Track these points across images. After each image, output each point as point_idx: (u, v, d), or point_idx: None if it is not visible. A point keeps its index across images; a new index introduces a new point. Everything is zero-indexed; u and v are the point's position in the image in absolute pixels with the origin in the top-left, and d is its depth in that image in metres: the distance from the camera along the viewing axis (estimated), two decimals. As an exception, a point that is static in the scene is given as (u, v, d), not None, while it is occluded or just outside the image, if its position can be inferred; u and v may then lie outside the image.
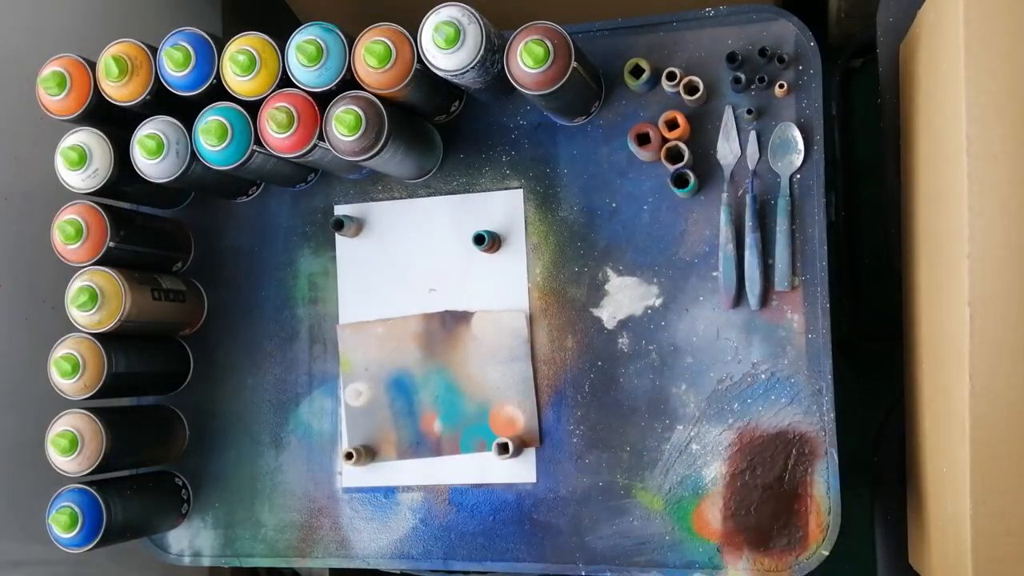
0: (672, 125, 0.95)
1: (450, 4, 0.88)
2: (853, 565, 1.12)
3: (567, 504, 0.99)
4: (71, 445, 0.95)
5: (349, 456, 1.02)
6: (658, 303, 0.98)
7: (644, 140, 0.95)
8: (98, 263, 0.98)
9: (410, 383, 1.04)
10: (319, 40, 0.90)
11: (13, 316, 1.10)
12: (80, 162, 0.96)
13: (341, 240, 1.06)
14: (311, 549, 1.06)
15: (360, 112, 0.88)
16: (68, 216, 0.98)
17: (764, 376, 0.95)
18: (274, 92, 0.92)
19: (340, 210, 1.07)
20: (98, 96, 0.96)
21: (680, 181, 0.94)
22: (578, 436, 0.99)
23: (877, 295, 1.51)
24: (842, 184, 1.53)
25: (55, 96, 0.96)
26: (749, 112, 0.94)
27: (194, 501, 1.09)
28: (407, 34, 0.90)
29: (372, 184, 1.06)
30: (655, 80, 0.97)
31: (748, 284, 0.94)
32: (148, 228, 1.07)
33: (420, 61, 0.89)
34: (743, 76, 0.94)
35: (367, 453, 1.04)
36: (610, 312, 0.99)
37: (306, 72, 0.91)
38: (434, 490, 1.03)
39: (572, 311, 1.00)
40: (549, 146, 1.01)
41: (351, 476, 1.05)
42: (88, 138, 0.98)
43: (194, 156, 0.95)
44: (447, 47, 0.86)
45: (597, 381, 0.99)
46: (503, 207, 1.02)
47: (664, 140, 0.95)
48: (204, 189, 1.08)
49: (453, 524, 1.02)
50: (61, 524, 0.95)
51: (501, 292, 1.02)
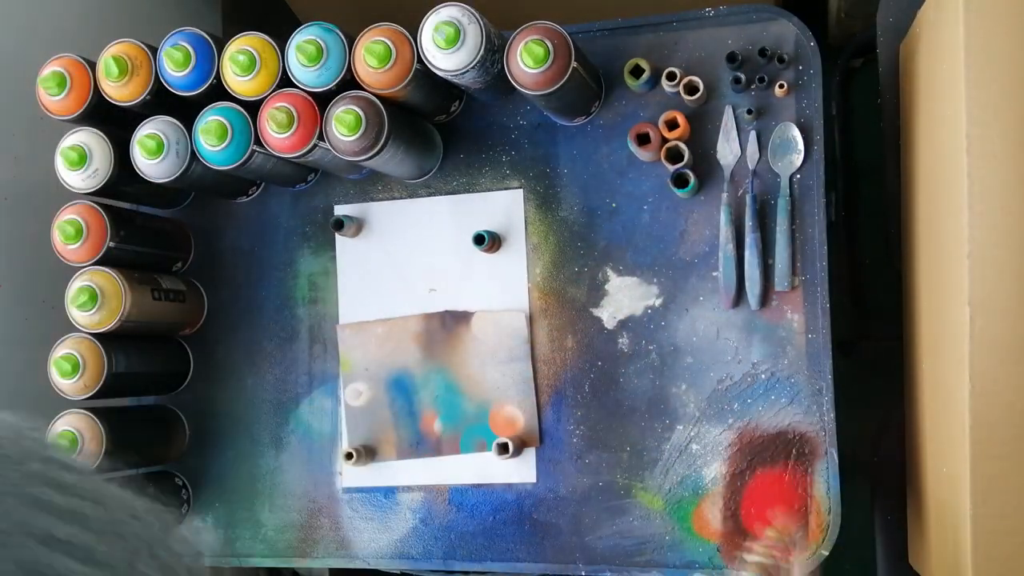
0: (672, 125, 0.95)
1: (450, 4, 0.88)
2: (853, 565, 1.12)
3: (567, 504, 0.99)
4: (71, 445, 0.95)
5: (349, 456, 1.02)
6: (658, 303, 0.98)
7: (644, 140, 0.95)
8: (98, 263, 0.98)
9: (410, 383, 1.04)
10: (319, 40, 0.90)
11: (12, 316, 1.10)
12: (80, 162, 0.96)
13: (341, 240, 1.06)
14: (311, 549, 1.06)
15: (360, 112, 0.88)
16: (68, 216, 0.98)
17: (764, 376, 0.94)
18: (274, 92, 0.92)
19: (340, 210, 1.07)
20: (98, 96, 0.96)
21: (680, 181, 0.94)
22: (578, 436, 0.99)
23: (877, 295, 1.51)
24: (842, 184, 1.53)
25: (55, 96, 0.96)
26: (749, 112, 0.94)
27: (194, 501, 1.09)
28: (407, 34, 0.90)
29: (372, 184, 1.06)
30: (655, 80, 0.97)
31: (748, 284, 0.94)
32: (148, 228, 1.07)
33: (420, 61, 0.89)
34: (743, 76, 0.94)
35: (367, 453, 1.04)
36: (610, 312, 0.99)
37: (306, 72, 0.91)
38: (434, 490, 1.03)
39: (572, 311, 1.00)
40: (549, 146, 1.01)
41: (351, 476, 1.05)
42: (88, 138, 0.98)
43: (194, 156, 0.95)
44: (447, 47, 0.86)
45: (597, 381, 0.99)
46: (503, 207, 1.02)
47: (664, 140, 0.95)
48: (204, 189, 1.08)
49: (453, 524, 1.02)
50: (61, 524, 0.95)
51: (501, 292, 1.02)
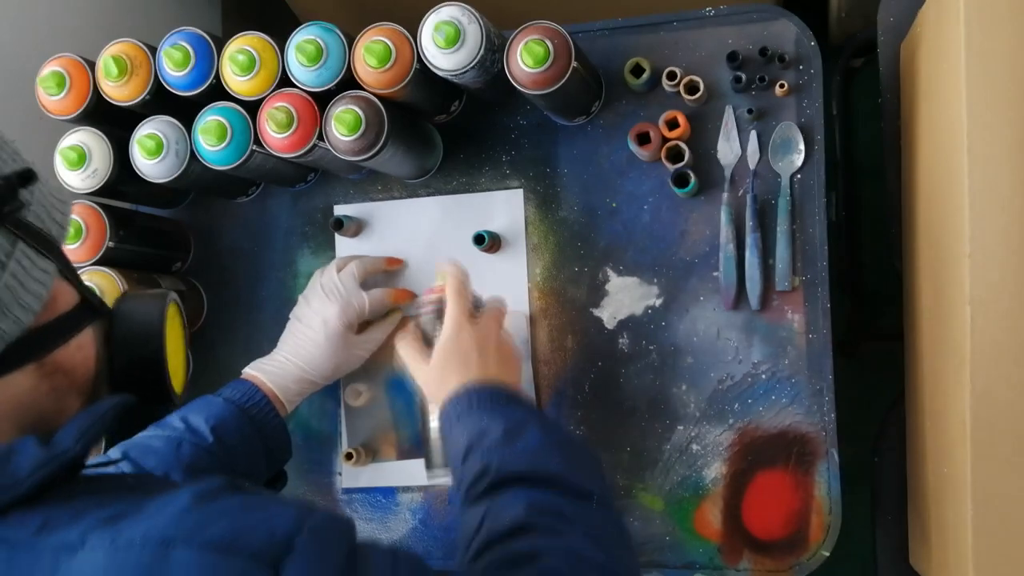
0: (672, 125, 0.95)
1: (450, 4, 0.87)
2: (854, 565, 1.12)
3: (567, 504, 0.99)
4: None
5: (349, 456, 1.02)
6: (658, 303, 0.97)
7: (644, 140, 0.95)
8: (97, 263, 0.98)
9: (410, 383, 1.03)
10: (319, 40, 0.90)
11: (12, 316, 1.10)
12: (79, 162, 0.96)
13: (341, 240, 1.06)
14: (311, 549, 1.06)
15: (360, 112, 0.88)
16: (67, 216, 0.98)
17: (765, 376, 0.94)
18: (274, 92, 0.92)
19: (340, 210, 1.07)
20: (97, 96, 0.96)
21: (680, 181, 0.94)
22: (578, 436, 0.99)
23: (878, 295, 1.51)
24: (843, 184, 1.53)
25: (54, 96, 0.96)
26: (750, 112, 0.94)
27: (194, 501, 1.09)
28: (407, 34, 0.90)
29: (372, 184, 1.06)
30: (655, 80, 0.97)
31: (749, 284, 0.94)
32: (148, 228, 1.07)
33: (420, 61, 0.88)
34: (743, 76, 0.94)
35: (367, 453, 1.03)
36: (610, 312, 0.99)
37: (306, 72, 0.91)
38: (434, 491, 1.03)
39: (572, 311, 0.99)
40: (549, 146, 1.01)
41: (351, 477, 1.05)
42: (87, 138, 0.97)
43: (194, 156, 0.95)
44: (447, 47, 0.86)
45: (597, 381, 0.99)
46: (503, 207, 1.02)
47: (664, 140, 0.95)
48: (204, 189, 1.08)
49: (453, 525, 1.02)
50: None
51: (501, 292, 1.01)
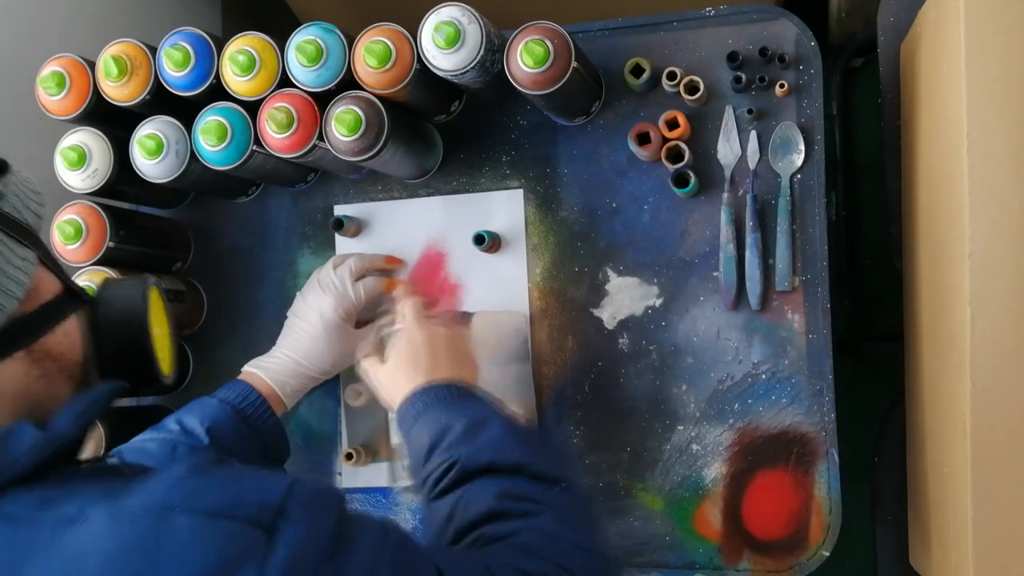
0: (672, 125, 0.95)
1: (450, 4, 0.87)
2: (854, 566, 1.12)
3: (567, 504, 0.99)
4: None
5: (349, 456, 1.02)
6: (658, 303, 0.97)
7: (644, 140, 0.95)
8: (97, 263, 0.98)
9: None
10: (319, 40, 0.90)
11: (13, 316, 1.10)
12: (80, 162, 0.96)
13: (341, 240, 1.06)
14: (311, 550, 1.06)
15: (360, 112, 0.88)
16: (67, 216, 0.98)
17: (765, 376, 0.94)
18: (274, 92, 0.92)
19: (340, 210, 1.07)
20: (97, 96, 0.96)
21: (680, 181, 0.94)
22: (578, 436, 0.99)
23: (878, 295, 1.51)
24: (843, 184, 1.53)
25: (54, 96, 0.96)
26: (750, 112, 0.94)
27: (194, 501, 1.09)
28: (407, 34, 0.90)
29: (372, 184, 1.06)
30: (655, 80, 0.97)
31: (749, 284, 0.94)
32: (148, 228, 1.07)
33: (420, 61, 0.88)
34: (743, 76, 0.94)
35: (367, 453, 1.03)
36: (610, 312, 0.99)
37: (306, 72, 0.91)
38: (434, 490, 1.03)
39: (572, 311, 0.99)
40: (549, 146, 1.01)
41: (351, 476, 1.05)
42: (87, 138, 0.97)
43: (194, 156, 0.95)
44: (447, 47, 0.86)
45: (597, 381, 0.99)
46: (503, 207, 1.02)
47: (664, 140, 0.95)
48: (204, 189, 1.08)
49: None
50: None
51: (501, 292, 1.02)
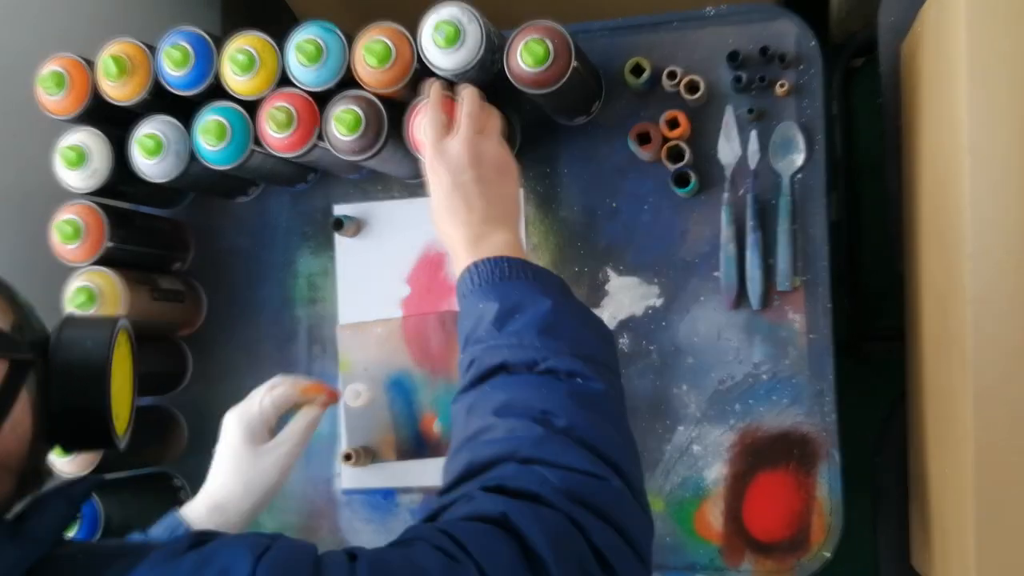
0: (673, 124, 0.95)
1: (450, 3, 0.87)
2: (855, 566, 1.11)
3: (567, 505, 0.99)
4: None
5: (348, 457, 1.01)
6: (659, 303, 0.97)
7: (645, 139, 0.95)
8: (96, 263, 0.98)
9: (409, 384, 1.03)
10: (318, 39, 0.90)
11: (12, 317, 1.09)
12: (79, 162, 0.96)
13: (340, 240, 1.06)
14: (310, 550, 1.06)
15: (360, 112, 0.88)
16: (67, 216, 0.97)
17: (766, 377, 0.94)
18: (273, 91, 0.92)
19: (339, 210, 1.07)
20: (97, 96, 0.96)
21: (681, 180, 0.94)
22: (578, 437, 0.99)
23: (879, 295, 1.50)
24: (843, 184, 1.53)
25: (54, 96, 0.96)
26: (750, 112, 0.94)
27: (193, 502, 1.09)
28: (407, 33, 0.89)
29: (372, 184, 1.06)
30: (656, 79, 0.96)
31: (749, 284, 0.93)
32: (147, 228, 1.07)
33: (420, 61, 0.88)
34: (744, 75, 0.94)
35: (366, 454, 1.03)
36: (611, 312, 0.98)
37: (305, 71, 0.91)
38: (434, 491, 1.02)
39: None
40: (549, 146, 1.01)
41: (350, 477, 1.05)
42: (87, 138, 0.97)
43: (193, 156, 0.95)
44: (447, 46, 0.86)
45: (598, 382, 0.98)
46: (503, 207, 1.02)
47: (665, 139, 0.95)
48: (203, 189, 1.08)
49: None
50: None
51: (501, 292, 1.01)
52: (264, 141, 0.92)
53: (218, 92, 0.94)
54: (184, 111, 0.95)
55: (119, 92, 0.95)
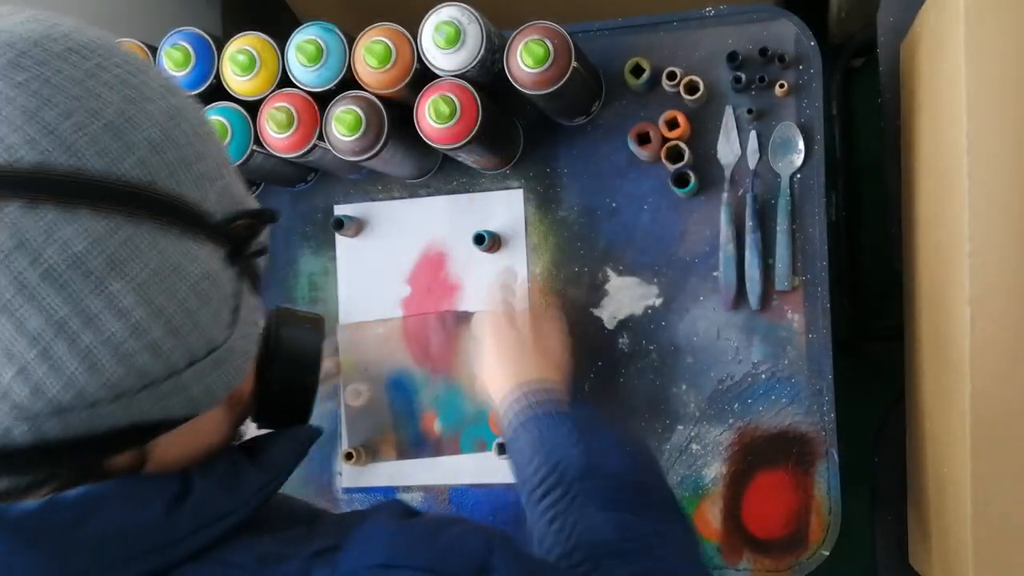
0: (672, 125, 0.95)
1: (450, 4, 0.88)
2: (853, 565, 1.12)
3: (567, 504, 0.99)
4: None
5: (349, 456, 1.02)
6: (658, 303, 0.97)
7: (644, 140, 0.95)
8: (98, 263, 0.98)
9: (410, 383, 1.03)
10: (319, 40, 0.90)
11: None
12: (80, 162, 0.96)
13: (341, 240, 1.06)
14: (311, 549, 1.06)
15: (360, 112, 0.88)
16: (68, 216, 0.98)
17: (764, 376, 0.94)
18: (274, 92, 0.92)
19: (340, 210, 1.07)
20: (98, 96, 0.96)
21: (680, 181, 0.94)
22: (578, 436, 0.99)
23: (878, 295, 1.51)
24: (843, 184, 1.53)
25: (55, 96, 0.96)
26: (749, 112, 0.94)
27: (194, 501, 1.09)
28: (407, 34, 0.90)
29: (372, 184, 1.06)
30: (655, 80, 0.97)
31: (748, 284, 0.94)
32: (148, 228, 1.07)
33: (420, 61, 0.89)
34: (743, 76, 0.94)
35: (367, 453, 1.03)
36: (610, 312, 0.99)
37: (306, 72, 0.91)
38: (434, 490, 1.03)
39: (572, 311, 0.99)
40: (549, 146, 1.01)
41: (351, 476, 1.05)
42: (88, 138, 0.97)
43: (194, 156, 0.95)
44: (447, 47, 0.86)
45: (597, 381, 0.99)
46: (503, 207, 1.02)
47: (664, 140, 0.95)
48: (204, 189, 1.08)
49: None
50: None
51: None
52: (265, 141, 0.93)
53: (219, 92, 0.94)
54: (185, 111, 0.96)
55: (120, 92, 0.95)
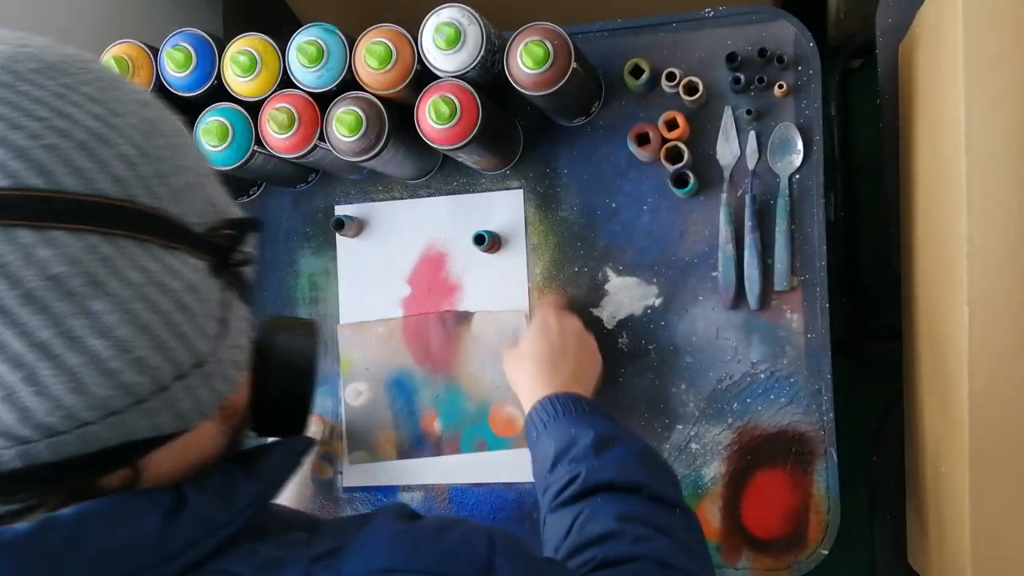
0: (672, 125, 0.95)
1: (450, 5, 0.88)
2: (852, 564, 1.12)
3: (567, 503, 0.99)
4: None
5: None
6: (658, 303, 0.98)
7: (644, 140, 0.95)
8: (99, 263, 0.98)
9: (410, 383, 1.04)
10: (320, 41, 0.90)
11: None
12: (81, 162, 0.96)
13: (341, 240, 1.07)
14: (312, 548, 1.06)
15: (361, 113, 0.89)
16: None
17: (763, 376, 0.95)
18: (275, 93, 0.93)
19: (341, 210, 1.07)
20: (99, 97, 0.97)
21: (680, 181, 0.95)
22: (578, 436, 0.99)
23: (876, 295, 1.51)
24: (841, 184, 1.54)
25: (56, 97, 0.96)
26: (748, 112, 0.95)
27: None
28: (407, 35, 0.90)
29: (373, 184, 1.07)
30: (655, 80, 0.97)
31: (747, 284, 0.94)
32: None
33: (420, 62, 0.89)
34: (743, 76, 0.94)
35: (367, 453, 1.04)
36: (610, 312, 0.99)
37: (307, 73, 0.91)
38: (434, 489, 1.03)
39: (572, 311, 1.00)
40: (549, 146, 1.02)
41: (351, 475, 1.05)
42: (89, 138, 0.98)
43: (195, 156, 0.95)
44: (447, 48, 0.86)
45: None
46: (503, 207, 1.02)
47: (664, 140, 0.96)
48: (205, 189, 1.08)
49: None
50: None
51: (501, 292, 1.02)
52: (266, 142, 0.93)
53: (220, 93, 0.94)
54: (186, 112, 0.96)
55: (121, 93, 0.96)
